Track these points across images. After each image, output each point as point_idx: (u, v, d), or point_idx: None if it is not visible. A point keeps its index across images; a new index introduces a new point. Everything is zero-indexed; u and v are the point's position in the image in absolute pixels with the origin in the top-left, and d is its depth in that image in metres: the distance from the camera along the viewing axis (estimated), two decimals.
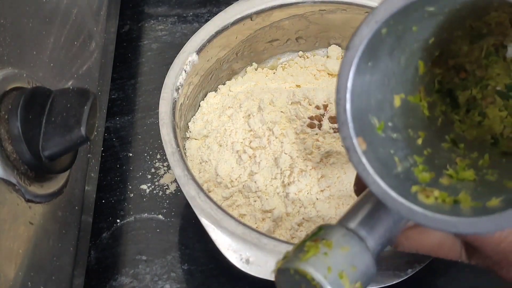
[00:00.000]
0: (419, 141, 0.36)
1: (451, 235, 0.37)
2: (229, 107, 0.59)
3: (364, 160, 0.31)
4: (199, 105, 0.61)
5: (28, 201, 0.41)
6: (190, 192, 0.49)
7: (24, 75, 0.42)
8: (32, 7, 0.45)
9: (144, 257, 0.58)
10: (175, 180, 0.61)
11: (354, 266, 0.32)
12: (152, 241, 0.59)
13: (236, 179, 0.55)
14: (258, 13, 0.60)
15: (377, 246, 0.33)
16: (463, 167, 0.36)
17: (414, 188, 0.32)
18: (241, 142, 0.57)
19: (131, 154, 0.65)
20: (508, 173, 0.35)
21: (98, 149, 0.61)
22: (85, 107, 0.41)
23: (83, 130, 0.41)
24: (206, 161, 0.57)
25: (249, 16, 0.60)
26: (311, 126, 0.56)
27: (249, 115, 0.58)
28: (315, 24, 0.63)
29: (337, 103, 0.31)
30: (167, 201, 0.61)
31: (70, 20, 0.52)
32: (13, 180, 0.39)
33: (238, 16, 0.60)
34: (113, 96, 0.69)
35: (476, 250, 0.37)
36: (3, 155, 0.39)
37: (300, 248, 0.33)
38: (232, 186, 0.55)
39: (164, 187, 0.62)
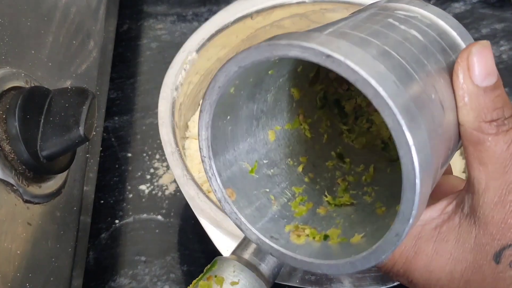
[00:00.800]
0: (300, 168, 0.37)
1: None
2: None
3: (235, 209, 0.32)
4: (199, 105, 0.61)
5: (26, 201, 0.41)
6: (190, 192, 0.48)
7: (22, 74, 0.42)
8: (31, 6, 0.45)
9: (143, 258, 0.57)
10: (175, 181, 0.61)
11: None
12: (151, 242, 0.58)
13: None
14: (259, 12, 0.60)
15: (273, 270, 0.34)
16: (343, 189, 0.36)
17: (288, 228, 0.33)
18: None
19: (130, 154, 0.64)
20: (385, 191, 0.35)
21: (96, 149, 0.61)
22: (84, 107, 0.41)
23: (81, 130, 0.41)
24: None
25: (250, 15, 0.60)
26: None
27: None
28: (316, 23, 0.63)
29: (202, 160, 0.32)
30: (166, 202, 0.61)
31: (68, 19, 0.52)
32: (11, 181, 0.39)
33: (239, 15, 0.59)
34: (112, 96, 0.69)
35: None
36: (0, 155, 0.39)
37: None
38: None
39: (163, 188, 0.62)
